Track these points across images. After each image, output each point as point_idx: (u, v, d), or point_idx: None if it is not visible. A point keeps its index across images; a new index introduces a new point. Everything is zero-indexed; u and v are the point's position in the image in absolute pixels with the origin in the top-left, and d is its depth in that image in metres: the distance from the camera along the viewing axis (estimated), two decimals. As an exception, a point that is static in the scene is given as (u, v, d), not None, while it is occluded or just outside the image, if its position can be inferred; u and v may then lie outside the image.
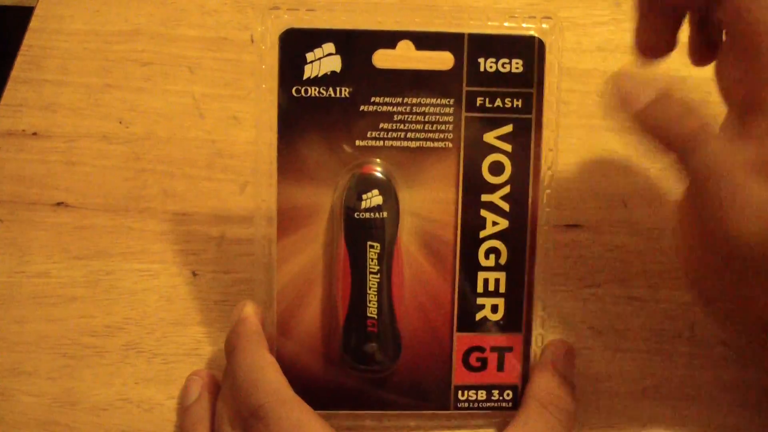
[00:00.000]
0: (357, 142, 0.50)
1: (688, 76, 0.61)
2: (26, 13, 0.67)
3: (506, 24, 0.50)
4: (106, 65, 0.66)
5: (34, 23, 0.67)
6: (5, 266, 0.59)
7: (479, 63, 0.49)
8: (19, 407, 0.54)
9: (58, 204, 0.61)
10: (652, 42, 0.49)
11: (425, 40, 0.49)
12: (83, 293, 0.58)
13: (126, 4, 0.68)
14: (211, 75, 0.66)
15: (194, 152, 0.63)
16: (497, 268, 0.51)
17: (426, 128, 0.50)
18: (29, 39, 0.66)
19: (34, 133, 0.63)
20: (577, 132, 0.63)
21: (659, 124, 0.45)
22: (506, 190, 0.50)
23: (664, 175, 0.61)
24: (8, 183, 0.61)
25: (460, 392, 0.52)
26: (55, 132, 0.63)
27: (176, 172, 0.62)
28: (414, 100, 0.49)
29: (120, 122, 0.63)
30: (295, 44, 0.49)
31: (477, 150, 0.50)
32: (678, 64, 0.62)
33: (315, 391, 0.50)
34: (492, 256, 0.51)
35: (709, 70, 0.53)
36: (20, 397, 0.55)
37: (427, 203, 0.50)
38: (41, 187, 0.61)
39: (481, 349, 0.52)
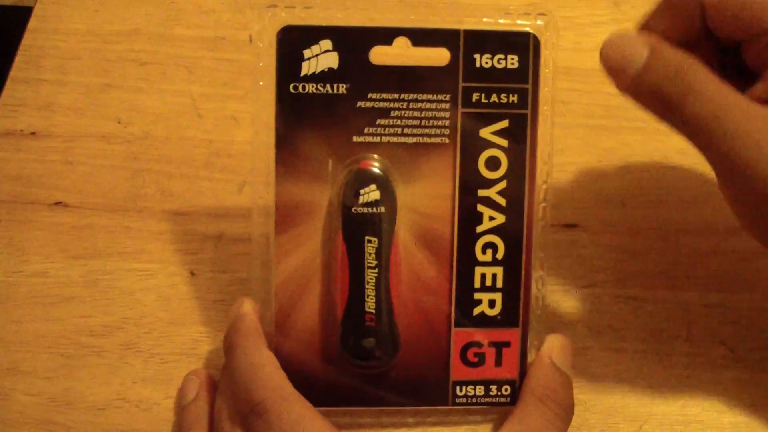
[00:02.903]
0: (354, 138, 0.50)
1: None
2: (25, 12, 0.67)
3: (501, 21, 0.50)
4: (104, 65, 0.66)
5: (32, 23, 0.67)
6: (3, 266, 0.59)
7: (475, 59, 0.49)
8: (17, 407, 0.54)
9: (57, 203, 0.61)
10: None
11: (421, 37, 0.49)
12: (81, 293, 0.58)
13: (124, 4, 0.68)
14: (209, 75, 0.66)
15: (192, 152, 0.63)
16: (494, 263, 0.51)
17: (423, 124, 0.50)
18: (28, 39, 0.67)
19: (33, 133, 0.63)
20: (576, 131, 0.64)
21: (654, 86, 0.46)
22: (503, 185, 0.50)
23: (662, 176, 0.62)
24: (6, 182, 0.61)
25: (458, 388, 0.52)
26: (54, 132, 0.63)
27: (174, 171, 0.62)
28: (411, 96, 0.50)
29: (118, 122, 0.64)
30: (293, 41, 0.49)
31: (473, 145, 0.50)
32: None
33: (313, 388, 0.50)
34: (489, 251, 0.51)
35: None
36: (18, 396, 0.55)
37: (424, 198, 0.51)
38: (39, 187, 0.61)
39: (478, 345, 0.52)
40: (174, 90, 0.65)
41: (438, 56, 0.50)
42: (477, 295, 0.51)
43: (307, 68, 0.49)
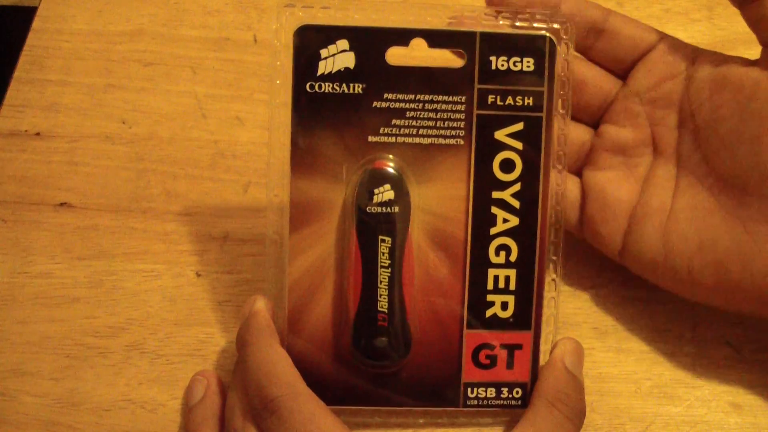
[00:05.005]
0: (369, 138, 0.50)
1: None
2: (29, 13, 0.67)
3: (518, 23, 0.50)
4: (108, 65, 0.66)
5: (36, 23, 0.67)
6: (8, 267, 0.58)
7: (491, 61, 0.50)
8: (22, 408, 0.54)
9: (61, 204, 0.60)
10: None
11: (438, 38, 0.50)
12: (86, 294, 0.58)
13: (128, 4, 0.68)
14: (214, 75, 0.66)
15: (197, 152, 0.63)
16: (507, 265, 0.51)
17: (438, 125, 0.50)
18: (32, 39, 0.67)
19: (37, 134, 0.63)
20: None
21: None
22: (517, 187, 0.50)
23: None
24: (11, 183, 0.61)
25: (469, 389, 0.52)
26: (58, 132, 0.63)
27: (179, 172, 0.62)
28: (426, 97, 0.50)
29: (123, 122, 0.63)
30: (310, 41, 0.49)
31: (488, 147, 0.50)
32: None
33: (324, 387, 0.50)
34: (502, 253, 0.51)
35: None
36: (23, 397, 0.54)
37: (438, 200, 0.51)
38: (44, 188, 0.61)
39: (490, 347, 0.52)
40: (178, 90, 0.65)
41: (454, 58, 0.50)
42: (490, 297, 0.51)
43: (323, 68, 0.49)
